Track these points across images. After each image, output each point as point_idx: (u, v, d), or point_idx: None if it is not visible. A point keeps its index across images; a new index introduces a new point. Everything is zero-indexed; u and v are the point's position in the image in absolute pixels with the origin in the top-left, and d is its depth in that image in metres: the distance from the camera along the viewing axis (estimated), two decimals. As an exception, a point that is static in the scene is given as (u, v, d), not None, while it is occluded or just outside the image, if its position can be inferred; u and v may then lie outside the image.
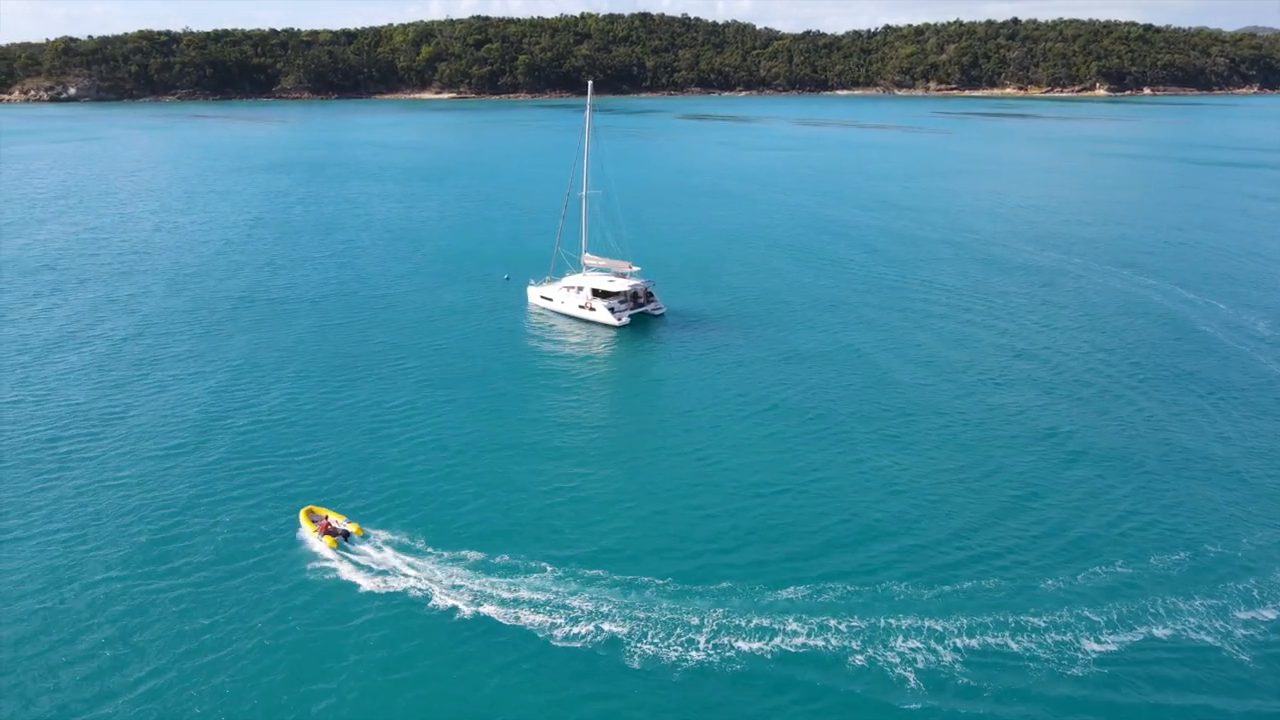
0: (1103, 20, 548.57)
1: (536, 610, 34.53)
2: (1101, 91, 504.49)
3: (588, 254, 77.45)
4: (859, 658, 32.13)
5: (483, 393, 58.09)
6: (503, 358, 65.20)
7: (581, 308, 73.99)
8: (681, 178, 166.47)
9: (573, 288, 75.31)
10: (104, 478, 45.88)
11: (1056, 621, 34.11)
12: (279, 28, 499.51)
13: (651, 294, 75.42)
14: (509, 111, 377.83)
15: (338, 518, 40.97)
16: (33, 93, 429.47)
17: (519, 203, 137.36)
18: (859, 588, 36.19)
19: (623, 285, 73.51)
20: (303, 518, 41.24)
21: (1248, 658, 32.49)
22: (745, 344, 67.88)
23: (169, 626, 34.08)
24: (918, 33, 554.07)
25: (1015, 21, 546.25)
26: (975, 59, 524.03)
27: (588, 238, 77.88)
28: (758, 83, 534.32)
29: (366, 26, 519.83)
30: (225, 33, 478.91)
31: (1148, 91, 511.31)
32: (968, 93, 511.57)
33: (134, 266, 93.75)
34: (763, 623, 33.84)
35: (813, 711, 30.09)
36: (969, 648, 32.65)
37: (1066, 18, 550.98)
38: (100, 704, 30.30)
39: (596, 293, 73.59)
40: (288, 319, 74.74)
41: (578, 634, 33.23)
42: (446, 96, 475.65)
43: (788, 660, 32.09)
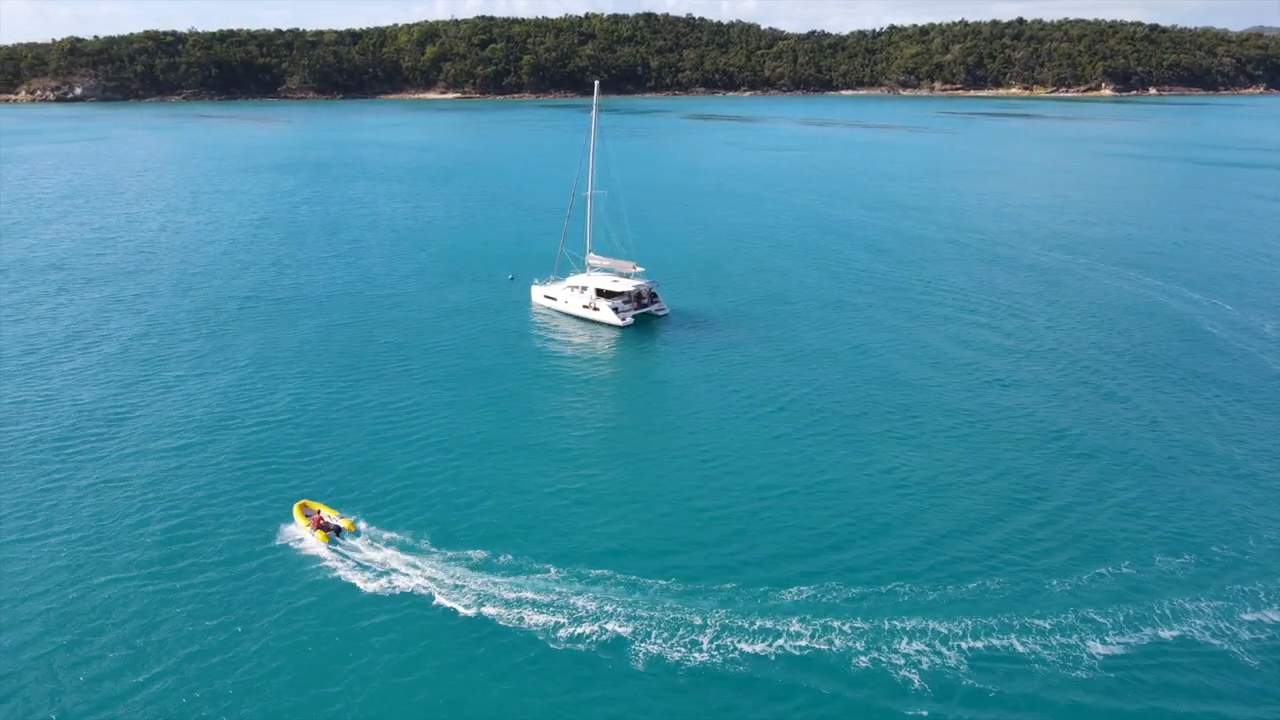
0: (1108, 20, 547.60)
1: (540, 610, 34.49)
2: (1107, 91, 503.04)
3: (592, 254, 77.45)
4: (863, 659, 32.03)
5: (486, 392, 58.10)
6: (507, 357, 65.20)
7: (585, 307, 73.96)
8: (686, 178, 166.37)
9: (577, 287, 75.31)
10: (107, 475, 45.94)
11: (1062, 623, 33.97)
12: (284, 28, 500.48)
13: (655, 294, 75.37)
14: (513, 111, 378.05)
15: (331, 512, 41.24)
16: (39, 93, 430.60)
17: (524, 203, 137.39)
18: (863, 589, 36.09)
19: (627, 285, 73.48)
20: (296, 512, 41.46)
21: (1254, 660, 32.33)
22: (749, 344, 67.80)
23: (168, 627, 34.10)
24: (923, 33, 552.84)
25: (1020, 21, 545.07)
26: (980, 59, 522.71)
27: (592, 238, 77.84)
28: (762, 83, 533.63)
29: (371, 27, 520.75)
30: (230, 33, 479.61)
31: (1153, 92, 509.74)
32: (973, 93, 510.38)
33: (140, 266, 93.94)
34: (766, 624, 33.76)
35: (817, 715, 29.99)
36: (974, 649, 32.53)
37: (1072, 17, 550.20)
38: (101, 705, 30.33)
39: (601, 292, 73.57)
40: (293, 318, 74.83)
41: (581, 634, 33.18)
42: (451, 96, 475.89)
43: (791, 661, 32.00)
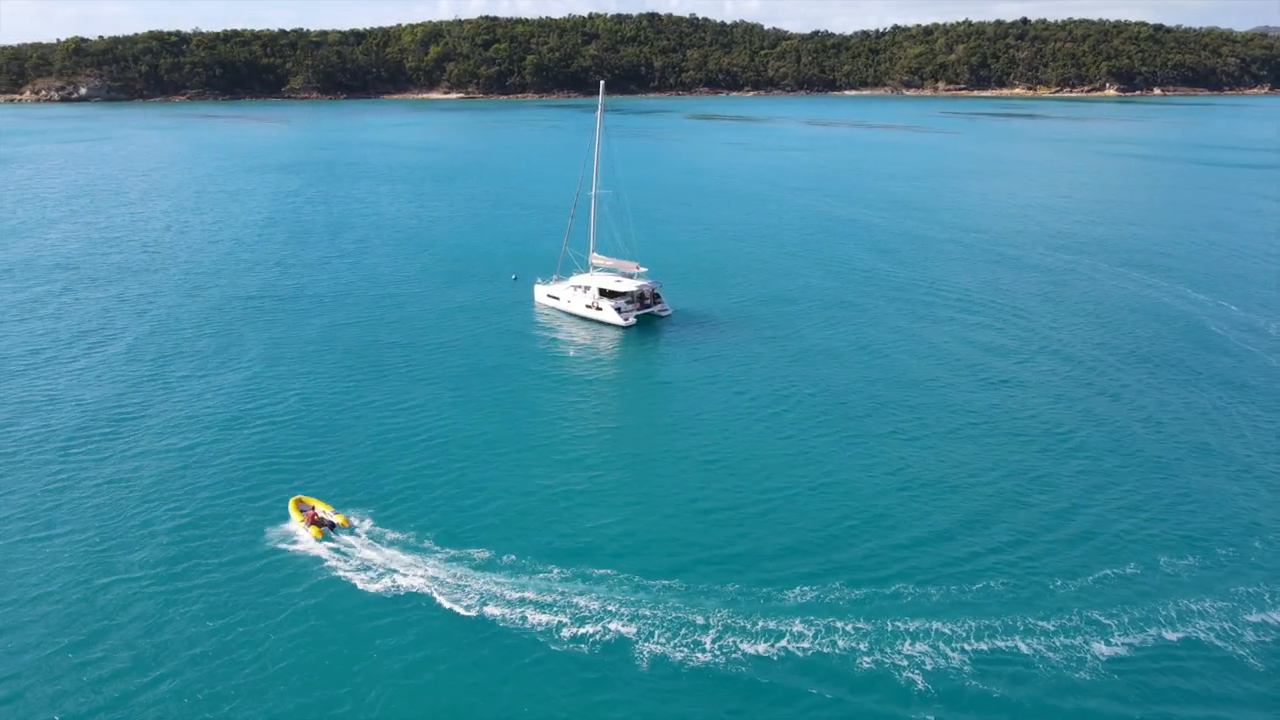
0: (1113, 20, 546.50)
1: (543, 610, 34.48)
2: (1111, 92, 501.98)
3: (596, 254, 77.43)
4: (867, 660, 31.96)
5: (489, 391, 58.11)
6: (510, 357, 65.19)
7: (588, 307, 73.96)
8: (689, 178, 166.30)
9: (580, 287, 75.33)
10: (111, 474, 46.00)
11: (1067, 625, 33.88)
12: (288, 28, 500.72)
13: (658, 295, 75.34)
14: (517, 112, 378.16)
15: (325, 508, 41.41)
16: (44, 93, 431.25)
17: (527, 202, 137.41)
18: (867, 589, 36.02)
19: (630, 285, 73.46)
20: (291, 508, 41.65)
21: (1259, 663, 32.23)
22: (752, 344, 67.73)
23: (171, 629, 34.14)
24: (926, 33, 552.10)
25: (1024, 21, 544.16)
26: (984, 59, 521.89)
27: (596, 237, 77.83)
28: (765, 83, 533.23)
29: (375, 27, 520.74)
30: (235, 33, 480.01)
31: (1158, 92, 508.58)
32: (976, 93, 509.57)
33: (145, 266, 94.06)
34: (770, 624, 33.71)
35: (820, 717, 29.91)
36: (978, 651, 32.45)
37: (1076, 18, 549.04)
38: (104, 708, 30.38)
39: (604, 292, 73.57)
40: (297, 318, 74.89)
41: (584, 635, 33.16)
42: (454, 97, 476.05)
43: (794, 662, 31.94)
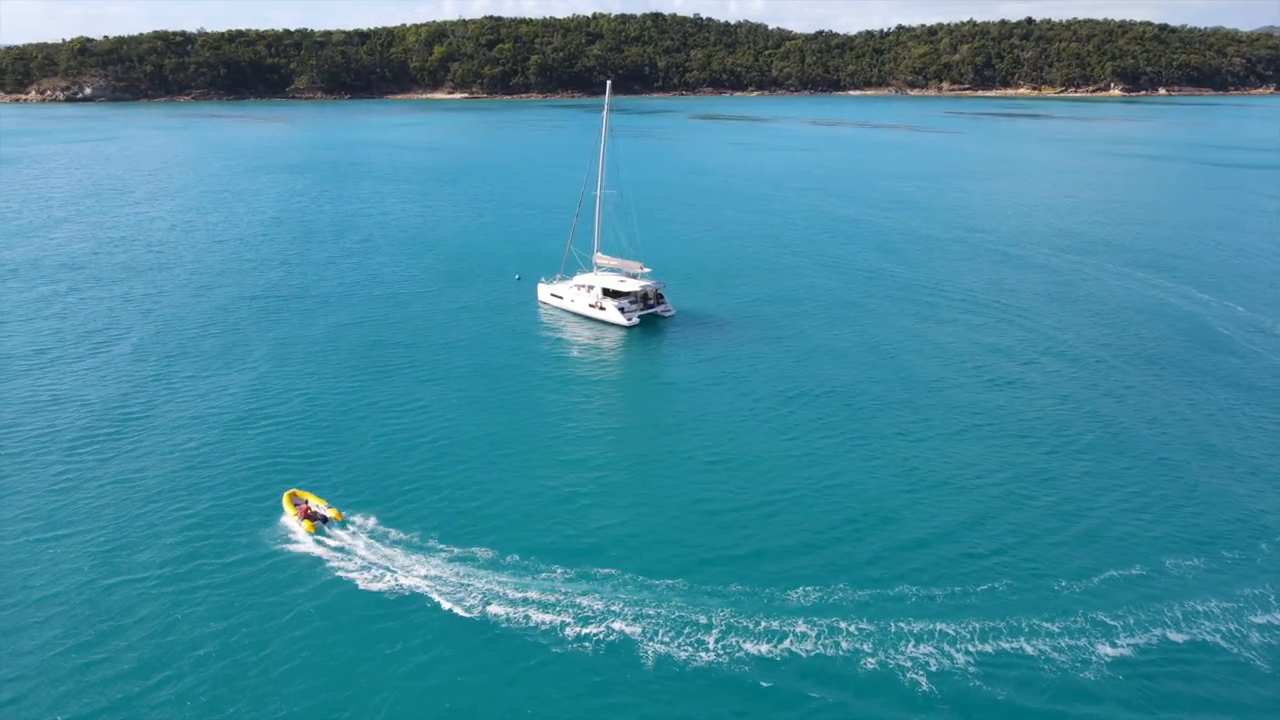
0: (1118, 20, 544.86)
1: (546, 610, 34.48)
2: (1116, 92, 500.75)
3: (599, 253, 77.42)
4: (870, 661, 31.90)
5: (493, 391, 58.12)
6: (514, 357, 65.21)
7: (592, 306, 73.98)
8: (694, 178, 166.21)
9: (583, 286, 75.34)
10: (114, 474, 46.08)
11: (1071, 626, 33.79)
12: (292, 28, 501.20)
13: (662, 295, 75.30)
14: (521, 111, 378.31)
15: (319, 502, 41.66)
16: (49, 92, 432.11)
17: (531, 202, 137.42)
18: (871, 590, 35.96)
19: (633, 286, 73.44)
20: (285, 502, 41.86)
21: (1265, 664, 32.12)
22: (755, 344, 67.67)
23: (175, 629, 34.19)
24: (931, 33, 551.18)
25: (1029, 21, 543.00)
26: (989, 59, 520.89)
27: (600, 237, 77.82)
28: (770, 83, 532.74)
29: (379, 27, 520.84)
30: (239, 33, 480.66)
31: (1163, 92, 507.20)
32: (981, 93, 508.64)
33: (151, 266, 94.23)
34: (773, 625, 33.67)
35: (824, 718, 29.87)
36: (982, 652, 32.38)
37: (1081, 17, 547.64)
38: (106, 710, 30.41)
39: (607, 292, 73.56)
40: (302, 318, 74.98)
41: (587, 634, 33.15)
42: (459, 96, 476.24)
43: (798, 663, 31.89)
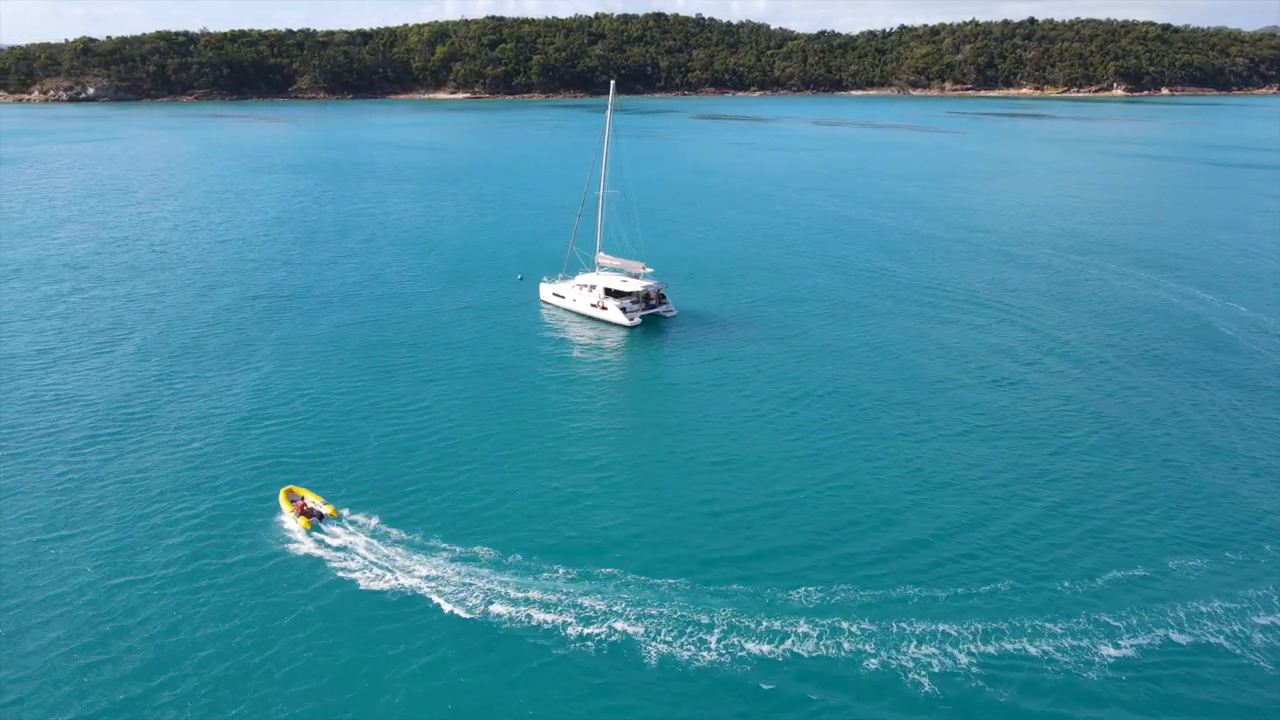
0: (1120, 20, 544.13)
1: (548, 610, 34.44)
2: (1119, 92, 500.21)
3: (602, 253, 77.42)
4: (873, 661, 31.84)
5: (495, 391, 58.10)
6: (516, 357, 65.19)
7: (593, 306, 73.97)
8: (696, 178, 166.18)
9: (585, 286, 75.34)
10: (117, 473, 46.10)
11: (1074, 627, 33.72)
12: (295, 28, 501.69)
13: (664, 295, 75.25)
14: (523, 112, 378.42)
15: (315, 498, 41.81)
16: (51, 92, 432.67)
17: (533, 202, 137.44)
18: (873, 590, 35.90)
19: (635, 286, 73.41)
20: (281, 498, 41.99)
21: (1268, 665, 32.03)
22: (758, 345, 67.62)
23: (177, 631, 34.15)
24: (933, 33, 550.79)
25: (1032, 21, 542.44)
26: (991, 59, 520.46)
27: (603, 237, 77.81)
28: (772, 83, 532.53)
29: (382, 27, 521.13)
30: (242, 33, 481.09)
31: (1166, 92, 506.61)
32: (983, 93, 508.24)
33: (154, 266, 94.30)
34: (775, 625, 33.61)
35: (827, 718, 29.83)
36: (985, 652, 32.32)
37: (1083, 17, 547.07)
38: (108, 713, 30.44)
39: (609, 292, 73.54)
40: (305, 317, 75.00)
41: (589, 634, 33.11)
42: (461, 96, 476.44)
43: (800, 663, 31.83)
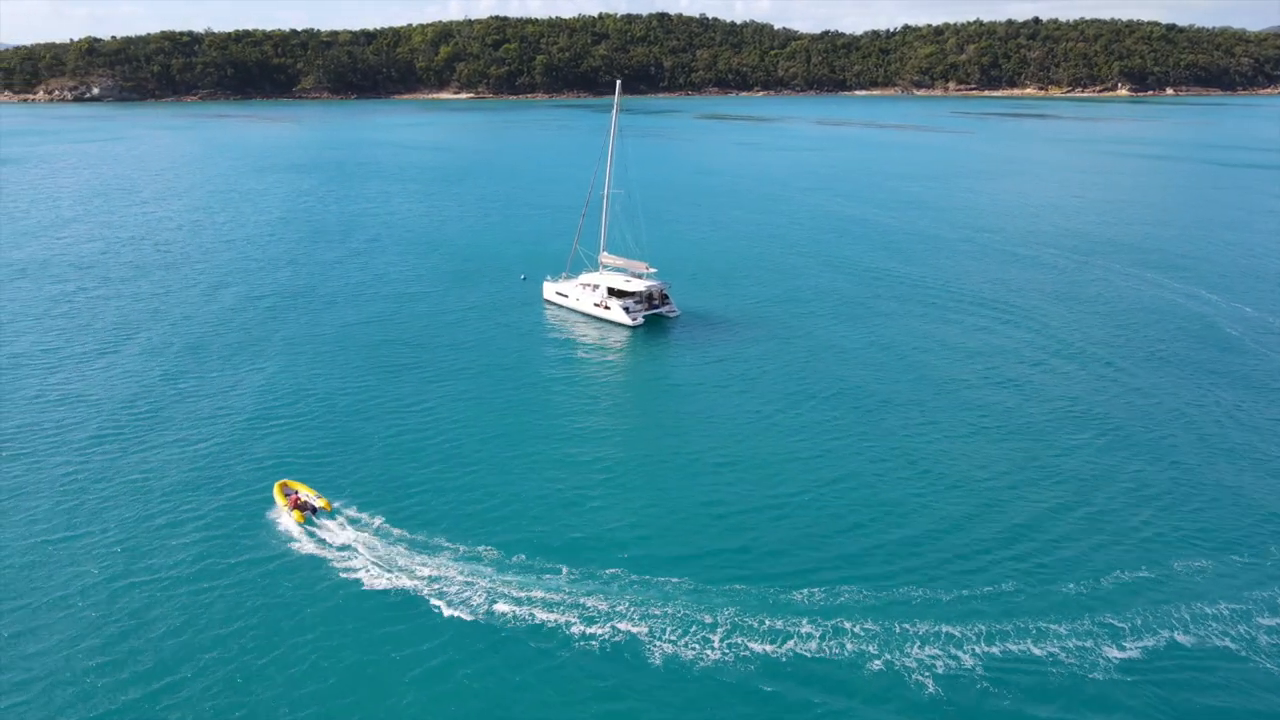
0: (1125, 20, 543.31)
1: (551, 609, 34.43)
2: (1123, 92, 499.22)
3: (605, 253, 77.40)
4: (876, 663, 31.77)
5: (498, 391, 58.09)
6: (519, 357, 65.18)
7: (596, 305, 73.96)
8: (700, 178, 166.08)
9: (589, 285, 75.33)
10: (120, 471, 46.18)
11: (1078, 628, 33.62)
12: (299, 28, 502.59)
13: (667, 296, 75.18)
14: (527, 111, 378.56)
15: (309, 492, 41.95)
16: (56, 92, 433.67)
17: (537, 202, 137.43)
18: (875, 591, 35.83)
19: (639, 285, 73.38)
20: (276, 492, 42.13)
21: (1274, 666, 31.90)
22: (761, 346, 67.54)
23: (178, 633, 34.18)
24: (937, 32, 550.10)
25: (1036, 21, 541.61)
26: (995, 59, 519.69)
27: (607, 237, 77.78)
28: (775, 83, 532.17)
29: (385, 27, 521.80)
30: (246, 33, 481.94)
31: (1170, 92, 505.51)
32: (987, 93, 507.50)
33: (159, 265, 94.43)
34: (778, 625, 33.56)
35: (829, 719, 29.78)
36: (989, 653, 32.23)
37: (1088, 17, 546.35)
38: (115, 710, 30.46)
39: (612, 291, 73.52)
40: (309, 317, 75.07)
41: (592, 634, 33.10)
42: (464, 96, 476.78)
43: (803, 664, 31.77)
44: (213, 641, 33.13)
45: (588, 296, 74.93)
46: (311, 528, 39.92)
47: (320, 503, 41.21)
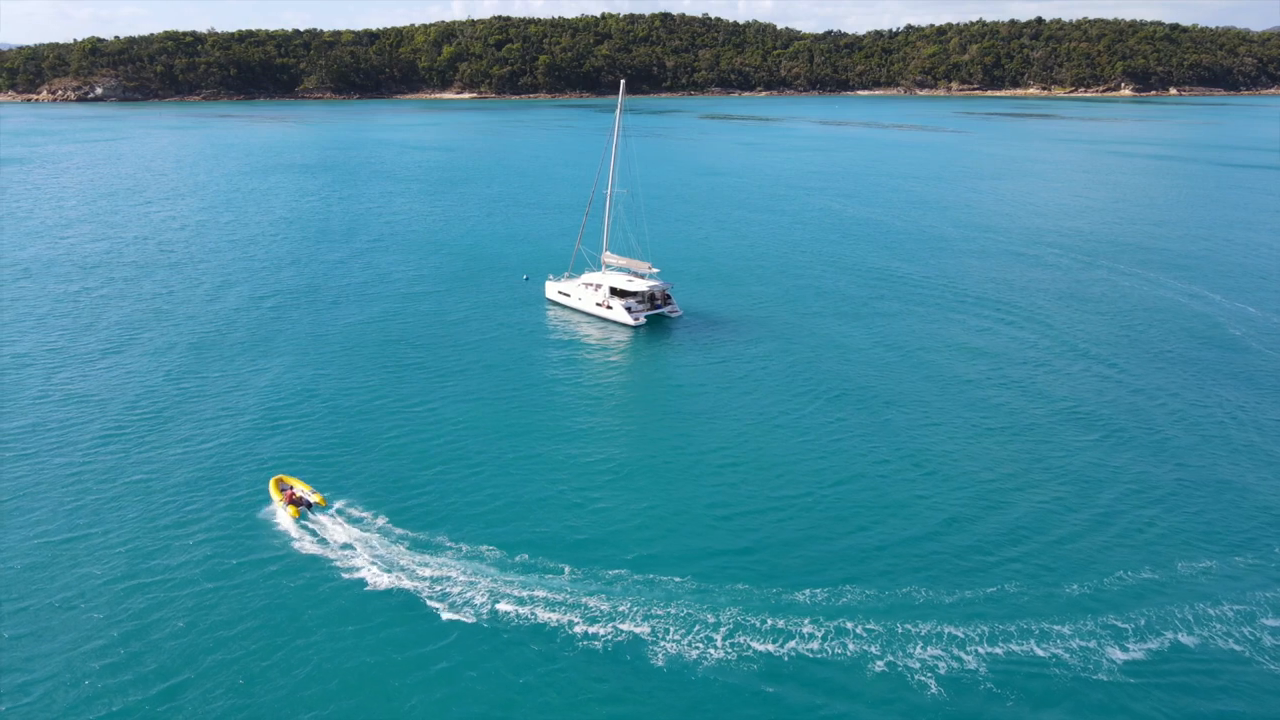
0: (1128, 19, 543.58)
1: (553, 609, 34.43)
2: (1127, 92, 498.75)
3: (608, 252, 77.40)
4: (879, 663, 31.72)
5: (499, 390, 58.09)
6: (520, 355, 65.18)
7: (599, 305, 73.96)
8: (702, 178, 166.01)
9: (591, 285, 75.33)
10: (124, 473, 46.21)
11: (1082, 629, 33.56)
12: (302, 28, 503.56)
13: (669, 296, 75.18)
14: (530, 112, 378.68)
15: (304, 487, 42.13)
16: (60, 92, 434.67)
17: (539, 203, 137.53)
18: (878, 591, 35.79)
19: (641, 285, 73.35)
20: (271, 487, 42.29)
21: (1278, 668, 31.80)
22: (763, 346, 67.49)
23: (181, 635, 34.21)
24: (940, 32, 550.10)
25: (1039, 21, 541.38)
26: (998, 59, 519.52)
27: (610, 236, 77.77)
28: (778, 83, 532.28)
29: (388, 27, 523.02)
30: (249, 33, 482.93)
31: (1174, 92, 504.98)
32: (990, 93, 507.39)
33: (162, 265, 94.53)
34: (780, 624, 33.53)
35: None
36: (992, 654, 32.18)
37: (1091, 17, 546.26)
38: (120, 712, 30.49)
39: (614, 291, 73.52)
40: (312, 317, 75.11)
41: (595, 634, 33.08)
42: (467, 96, 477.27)
43: (806, 664, 31.73)
44: (215, 644, 33.12)
45: (590, 296, 74.93)
46: (306, 523, 40.04)
47: (315, 498, 41.29)
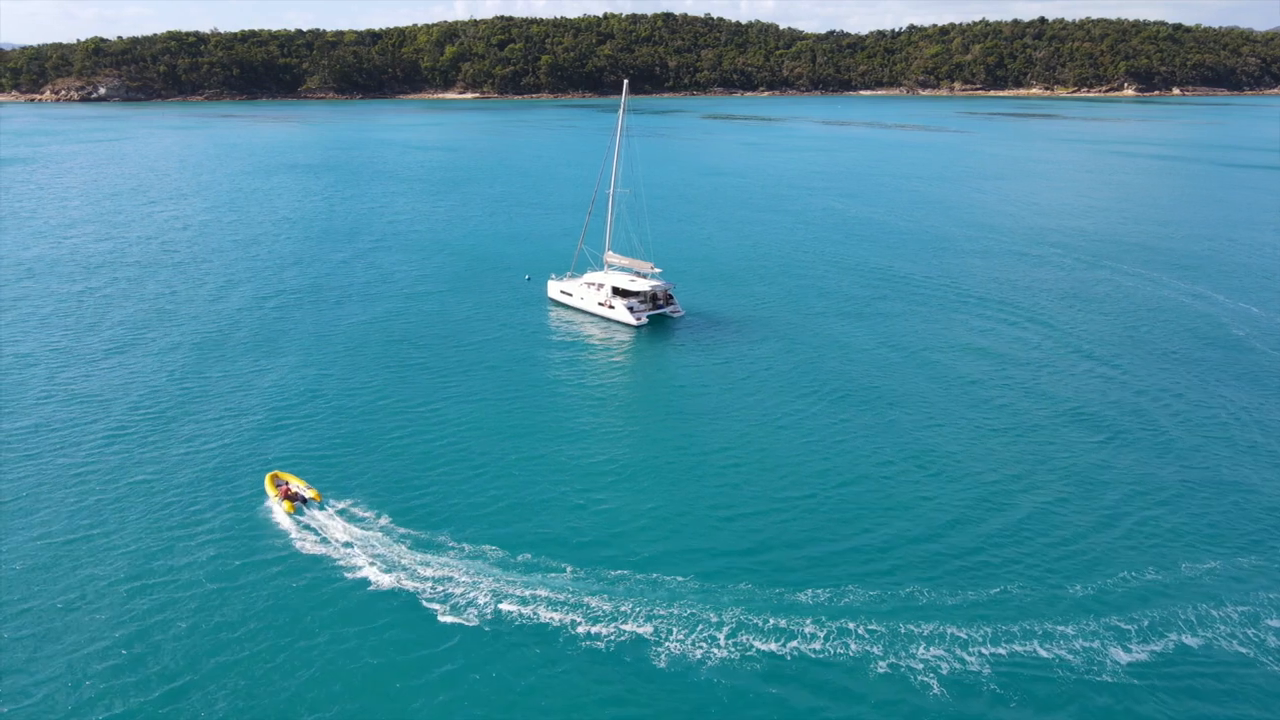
0: (1131, 19, 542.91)
1: (556, 609, 34.40)
2: (1130, 92, 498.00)
3: (611, 252, 77.37)
4: (882, 664, 31.67)
5: (501, 389, 58.08)
6: (522, 355, 65.17)
7: (601, 305, 73.93)
8: (705, 178, 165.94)
9: (593, 284, 75.31)
10: (127, 472, 46.26)
11: (1085, 629, 33.49)
12: (304, 28, 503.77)
13: (671, 296, 75.15)
14: (532, 112, 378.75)
15: (299, 483, 42.32)
16: (64, 92, 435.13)
17: (541, 203, 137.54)
18: (881, 591, 35.74)
19: (643, 285, 73.32)
20: (267, 483, 42.55)
21: (1282, 669, 31.75)
22: (765, 346, 67.44)
23: (182, 637, 34.19)
24: (943, 32, 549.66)
25: (1042, 21, 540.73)
26: (1001, 59, 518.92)
27: (612, 236, 77.75)
28: (780, 83, 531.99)
29: (391, 27, 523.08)
30: (252, 33, 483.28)
31: (1177, 92, 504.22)
32: (993, 93, 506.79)
33: (165, 265, 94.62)
34: (783, 624, 33.49)
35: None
36: (995, 655, 32.11)
37: (1094, 17, 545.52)
38: (123, 713, 30.51)
39: (617, 291, 73.50)
40: (314, 317, 75.14)
41: (598, 634, 33.05)
42: (470, 96, 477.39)
43: (808, 664, 31.69)
44: (218, 646, 33.10)
45: (592, 296, 74.92)
46: (309, 523, 40.07)
47: (310, 494, 41.43)
